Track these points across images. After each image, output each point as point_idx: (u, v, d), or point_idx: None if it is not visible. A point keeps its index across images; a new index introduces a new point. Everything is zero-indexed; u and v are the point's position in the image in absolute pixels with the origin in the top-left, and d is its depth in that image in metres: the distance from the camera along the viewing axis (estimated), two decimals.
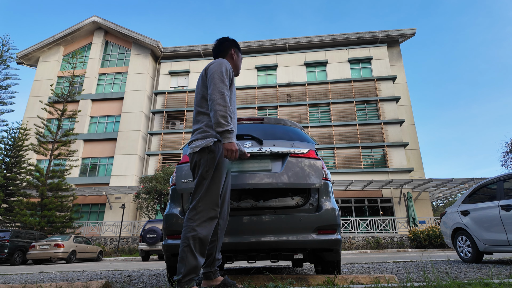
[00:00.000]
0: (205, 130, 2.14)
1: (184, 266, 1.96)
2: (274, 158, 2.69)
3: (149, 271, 5.27)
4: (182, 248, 2.00)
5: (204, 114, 2.19)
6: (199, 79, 2.31)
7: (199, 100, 2.23)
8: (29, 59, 29.85)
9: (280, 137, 2.91)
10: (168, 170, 19.50)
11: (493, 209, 4.90)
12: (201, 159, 2.09)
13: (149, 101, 27.89)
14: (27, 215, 17.40)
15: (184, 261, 1.97)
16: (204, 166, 2.08)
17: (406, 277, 2.84)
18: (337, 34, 27.50)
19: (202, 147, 2.09)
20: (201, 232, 2.00)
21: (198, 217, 2.02)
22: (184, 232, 2.02)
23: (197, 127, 2.20)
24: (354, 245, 17.04)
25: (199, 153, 2.10)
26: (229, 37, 2.51)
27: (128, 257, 15.65)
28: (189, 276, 1.97)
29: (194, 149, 2.12)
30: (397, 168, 22.52)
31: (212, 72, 2.15)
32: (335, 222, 2.65)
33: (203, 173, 2.07)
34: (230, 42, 2.48)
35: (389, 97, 24.63)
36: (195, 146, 2.12)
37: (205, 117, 2.17)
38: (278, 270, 4.50)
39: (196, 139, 2.14)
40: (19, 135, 21.18)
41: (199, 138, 2.13)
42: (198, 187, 2.09)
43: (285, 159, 2.65)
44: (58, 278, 4.57)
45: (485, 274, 3.43)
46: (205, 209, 2.04)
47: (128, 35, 28.49)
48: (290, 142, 2.80)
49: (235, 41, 2.52)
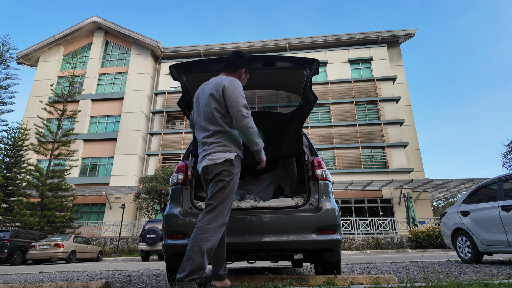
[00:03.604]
0: (225, 145, 2.28)
1: (190, 265, 2.01)
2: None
3: (149, 271, 5.27)
4: (191, 247, 2.06)
5: (222, 132, 2.29)
6: (208, 94, 2.33)
7: (215, 117, 2.29)
8: (29, 59, 29.85)
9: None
10: (168, 170, 19.49)
11: (493, 209, 4.90)
12: (222, 170, 2.22)
13: (149, 101, 27.89)
14: (27, 215, 17.39)
15: (191, 260, 2.02)
16: (225, 176, 2.22)
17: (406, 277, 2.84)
18: (337, 35, 27.49)
19: (225, 159, 2.23)
20: (213, 236, 2.10)
21: (214, 221, 2.13)
22: (197, 232, 2.10)
23: (214, 140, 2.29)
24: (354, 245, 17.04)
25: (221, 164, 2.24)
26: (246, 55, 2.51)
27: (128, 257, 15.64)
28: (193, 276, 2.01)
29: (216, 160, 2.24)
30: (397, 168, 22.51)
31: (233, 95, 2.23)
32: (335, 222, 2.65)
33: (225, 182, 2.21)
34: (245, 60, 2.49)
35: (389, 98, 24.63)
36: (217, 157, 2.24)
37: (223, 134, 2.29)
38: (278, 270, 4.50)
39: (217, 152, 2.26)
40: (19, 135, 21.17)
41: (220, 151, 2.26)
42: (216, 194, 2.19)
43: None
44: (58, 278, 4.56)
45: (485, 274, 3.43)
46: (220, 215, 2.16)
47: (128, 35, 28.50)
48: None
49: (249, 61, 2.54)
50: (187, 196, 2.84)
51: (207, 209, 2.17)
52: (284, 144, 3.56)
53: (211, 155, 2.26)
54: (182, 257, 2.78)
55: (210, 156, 2.26)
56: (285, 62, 2.60)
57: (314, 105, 3.06)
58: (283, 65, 2.60)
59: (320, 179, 2.83)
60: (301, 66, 2.63)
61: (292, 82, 2.89)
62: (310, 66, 2.61)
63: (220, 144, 2.27)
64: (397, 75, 26.10)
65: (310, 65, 2.60)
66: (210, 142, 2.29)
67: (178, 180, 2.89)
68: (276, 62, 2.57)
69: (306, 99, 3.00)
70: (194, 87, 2.88)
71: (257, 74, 2.74)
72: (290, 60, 2.58)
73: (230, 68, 2.46)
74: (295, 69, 2.67)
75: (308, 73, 2.69)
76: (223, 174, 2.21)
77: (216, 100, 2.28)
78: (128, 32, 28.43)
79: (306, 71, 2.66)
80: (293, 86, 2.97)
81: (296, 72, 2.72)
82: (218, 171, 2.22)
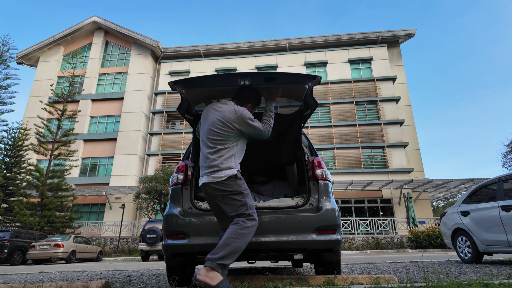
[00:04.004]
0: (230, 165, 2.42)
1: (224, 251, 2.14)
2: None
3: (149, 271, 5.27)
4: (230, 236, 2.19)
5: (226, 149, 2.45)
6: (215, 117, 2.47)
7: (220, 139, 2.45)
8: (29, 59, 29.85)
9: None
10: (168, 170, 19.50)
11: (493, 209, 4.90)
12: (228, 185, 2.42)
13: (149, 101, 27.89)
14: (27, 215, 17.39)
15: (226, 247, 2.15)
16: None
17: (406, 277, 2.84)
18: (337, 35, 27.49)
19: (228, 176, 2.38)
20: (249, 233, 2.26)
21: (250, 222, 2.28)
22: (236, 227, 2.23)
23: (219, 157, 2.43)
24: (354, 245, 17.04)
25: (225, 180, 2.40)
26: (257, 91, 2.69)
27: (128, 257, 15.65)
28: (222, 261, 2.13)
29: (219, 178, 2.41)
30: (397, 168, 22.51)
31: (246, 118, 2.44)
32: (335, 222, 2.66)
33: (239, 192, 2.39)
34: (256, 96, 2.68)
35: (389, 98, 24.63)
36: (221, 175, 2.41)
37: (225, 151, 2.45)
38: (278, 270, 4.50)
39: (220, 169, 2.41)
40: (19, 135, 21.17)
41: (223, 169, 2.40)
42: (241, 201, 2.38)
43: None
44: (58, 278, 4.56)
45: (485, 274, 3.43)
46: (255, 216, 2.32)
47: (128, 35, 28.49)
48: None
49: (258, 98, 2.71)
50: (187, 196, 2.84)
51: (244, 211, 2.32)
52: (283, 151, 3.53)
53: (216, 173, 2.38)
54: (182, 257, 2.78)
55: (214, 174, 2.39)
56: (287, 78, 2.61)
57: (314, 110, 3.07)
58: (285, 81, 2.62)
59: (320, 179, 2.83)
60: (303, 82, 2.64)
61: (293, 92, 2.91)
62: (312, 82, 2.63)
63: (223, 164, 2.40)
64: (397, 75, 26.10)
65: (312, 81, 2.61)
66: (214, 158, 2.42)
67: (178, 180, 2.90)
68: (277, 78, 2.58)
69: (307, 104, 3.01)
70: (193, 98, 2.88)
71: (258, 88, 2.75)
72: (292, 76, 2.59)
73: (237, 99, 2.63)
74: (297, 84, 2.69)
75: (310, 86, 2.70)
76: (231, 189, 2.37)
77: (225, 124, 2.43)
78: (128, 32, 28.43)
79: (308, 85, 2.67)
80: (293, 95, 2.99)
81: (297, 86, 2.74)
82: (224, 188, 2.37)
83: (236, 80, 2.57)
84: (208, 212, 2.75)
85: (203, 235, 2.62)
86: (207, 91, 2.80)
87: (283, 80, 2.60)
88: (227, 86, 2.69)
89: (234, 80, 2.58)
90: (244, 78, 2.54)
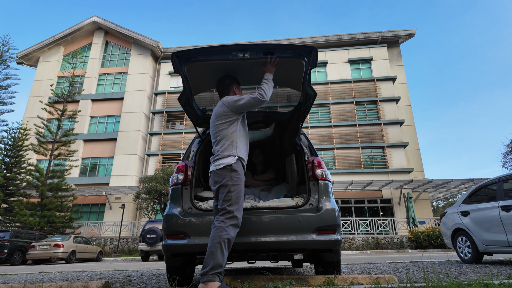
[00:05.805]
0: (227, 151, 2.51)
1: (213, 260, 2.16)
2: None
3: (148, 272, 5.27)
4: (213, 243, 2.20)
5: (225, 138, 2.54)
6: (212, 118, 2.64)
7: (218, 130, 2.58)
8: (29, 59, 29.85)
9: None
10: (168, 170, 19.48)
11: (493, 209, 4.89)
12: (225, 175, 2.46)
13: (149, 101, 27.89)
14: (27, 215, 17.38)
15: (213, 256, 2.17)
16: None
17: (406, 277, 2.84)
18: (337, 35, 27.49)
19: (225, 165, 2.44)
20: (230, 233, 2.25)
21: (229, 220, 2.29)
22: (216, 231, 2.24)
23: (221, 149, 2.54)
24: (354, 245, 17.04)
25: (222, 169, 2.48)
26: (228, 75, 2.78)
27: (128, 257, 15.64)
28: (215, 270, 2.14)
29: (218, 166, 2.52)
30: (397, 168, 22.51)
31: (232, 102, 2.56)
32: (335, 222, 2.66)
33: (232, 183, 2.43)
34: (230, 79, 2.76)
35: (389, 98, 24.63)
36: (220, 163, 2.50)
37: (224, 140, 2.55)
38: (278, 270, 4.50)
39: (221, 158, 2.50)
40: (19, 135, 21.17)
41: (223, 157, 2.49)
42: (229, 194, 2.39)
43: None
44: (58, 278, 4.56)
45: (485, 274, 3.43)
46: (236, 214, 2.33)
47: (128, 35, 28.49)
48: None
49: (234, 78, 2.80)
50: (187, 196, 2.84)
51: (225, 207, 2.33)
52: (286, 140, 3.63)
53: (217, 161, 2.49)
54: (182, 257, 2.78)
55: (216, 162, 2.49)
56: (283, 50, 2.62)
57: (313, 101, 3.07)
58: (282, 54, 2.63)
59: (320, 179, 2.83)
60: (300, 55, 2.64)
61: (291, 75, 2.91)
62: (308, 55, 2.62)
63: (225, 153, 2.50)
64: (397, 75, 26.10)
65: (308, 54, 2.61)
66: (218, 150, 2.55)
67: (178, 180, 2.90)
68: (274, 50, 2.60)
69: (306, 94, 3.00)
70: (194, 78, 2.87)
71: (257, 70, 2.74)
72: (288, 48, 2.62)
73: (224, 92, 2.74)
74: (294, 59, 2.67)
75: (307, 63, 2.68)
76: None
77: (217, 115, 2.57)
78: (128, 32, 28.42)
79: (305, 60, 2.65)
80: (292, 80, 2.99)
81: (295, 63, 2.72)
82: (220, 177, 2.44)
83: (236, 53, 2.60)
84: (208, 212, 2.76)
85: (203, 235, 2.62)
86: (207, 69, 2.79)
87: (280, 53, 2.64)
88: (227, 60, 2.64)
89: (234, 53, 2.60)
90: (243, 52, 2.59)
